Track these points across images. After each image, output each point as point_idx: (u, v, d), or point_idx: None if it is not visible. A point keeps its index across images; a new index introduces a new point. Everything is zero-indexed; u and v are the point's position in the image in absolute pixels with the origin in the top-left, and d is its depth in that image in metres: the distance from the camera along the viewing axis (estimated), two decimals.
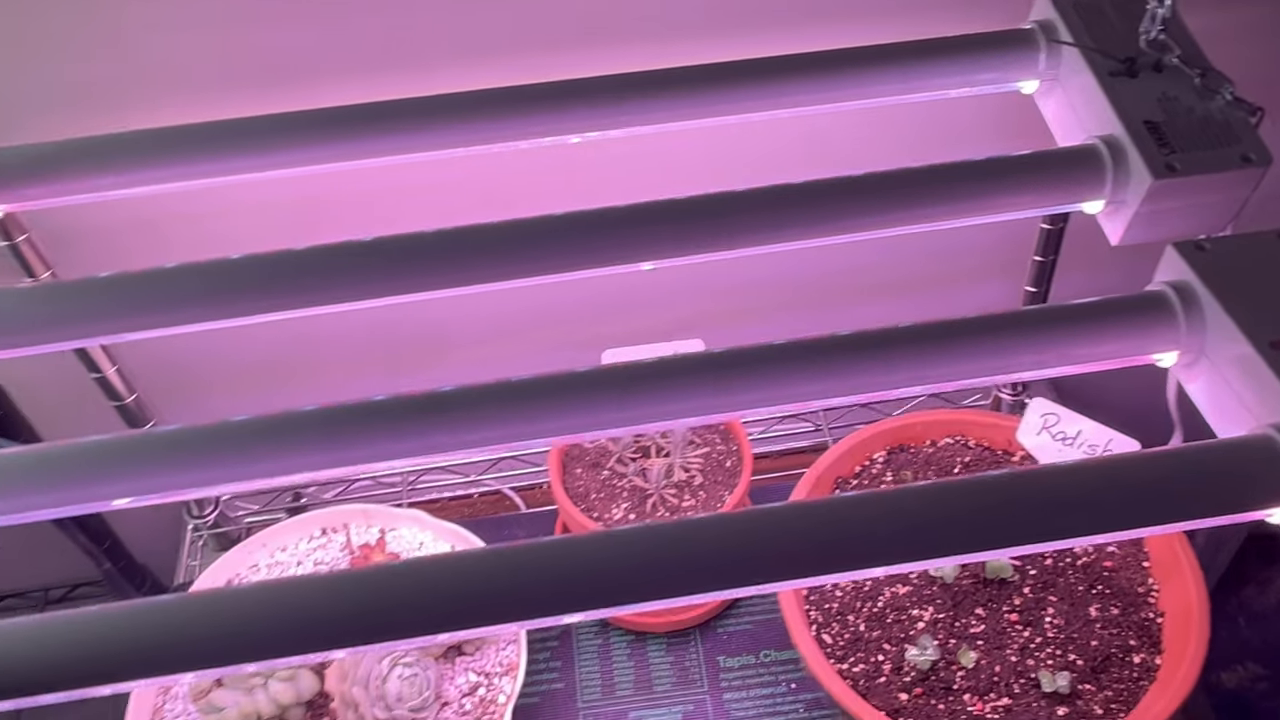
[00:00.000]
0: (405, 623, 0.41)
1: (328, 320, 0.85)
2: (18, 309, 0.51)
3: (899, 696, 0.63)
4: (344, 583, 0.42)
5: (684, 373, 0.49)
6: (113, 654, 0.41)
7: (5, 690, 0.40)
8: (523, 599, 0.42)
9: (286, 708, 0.68)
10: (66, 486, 0.47)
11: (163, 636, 0.41)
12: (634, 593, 0.42)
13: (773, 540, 0.43)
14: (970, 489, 0.42)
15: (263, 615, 0.41)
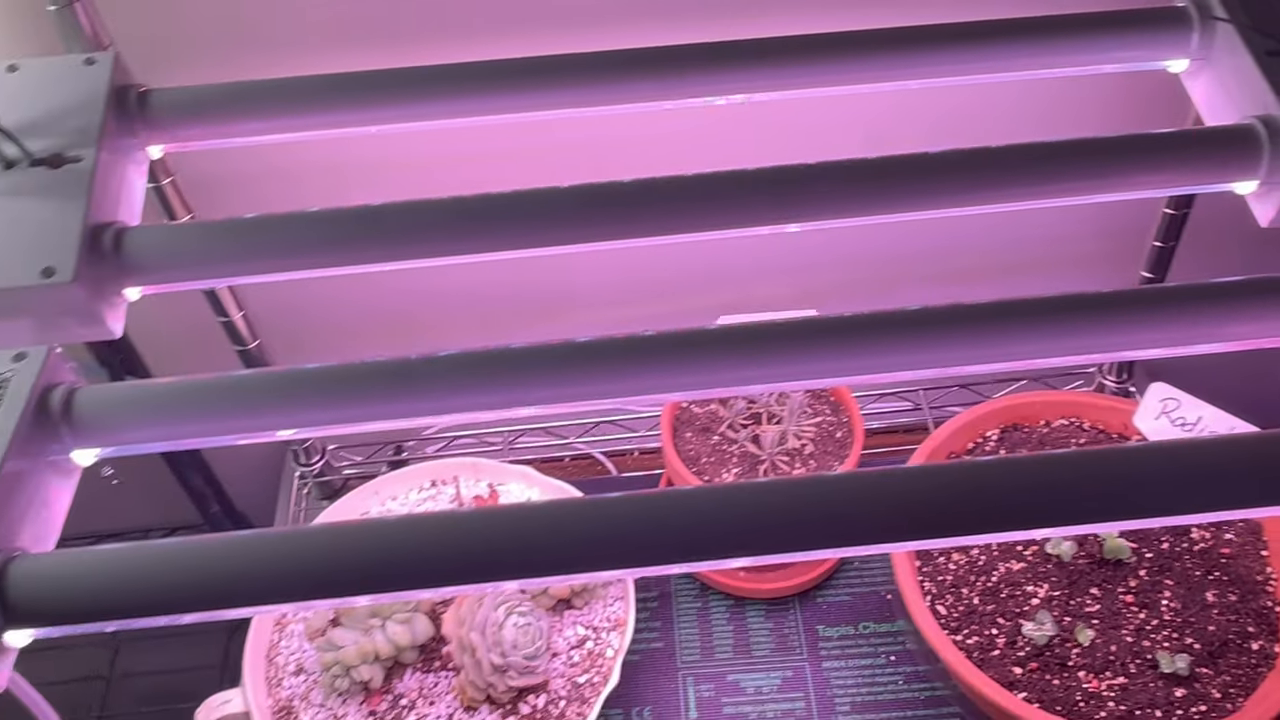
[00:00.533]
0: (534, 562, 0.42)
1: (452, 277, 0.87)
2: (166, 244, 0.53)
3: (1013, 670, 0.63)
4: (474, 520, 0.42)
5: (802, 335, 0.49)
6: (252, 578, 0.42)
7: (148, 607, 0.42)
8: (645, 545, 0.42)
9: (402, 649, 0.69)
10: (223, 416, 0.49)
11: (309, 563, 0.42)
12: (762, 545, 0.42)
13: (902, 499, 0.43)
14: (1096, 458, 0.42)
15: (397, 547, 0.43)
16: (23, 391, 0.46)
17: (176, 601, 0.42)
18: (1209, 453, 0.43)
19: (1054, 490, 0.42)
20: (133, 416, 0.48)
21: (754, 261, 0.88)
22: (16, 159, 0.52)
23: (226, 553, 0.42)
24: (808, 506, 0.43)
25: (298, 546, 0.43)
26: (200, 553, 0.42)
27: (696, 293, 0.90)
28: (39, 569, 0.42)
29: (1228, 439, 0.44)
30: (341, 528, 0.43)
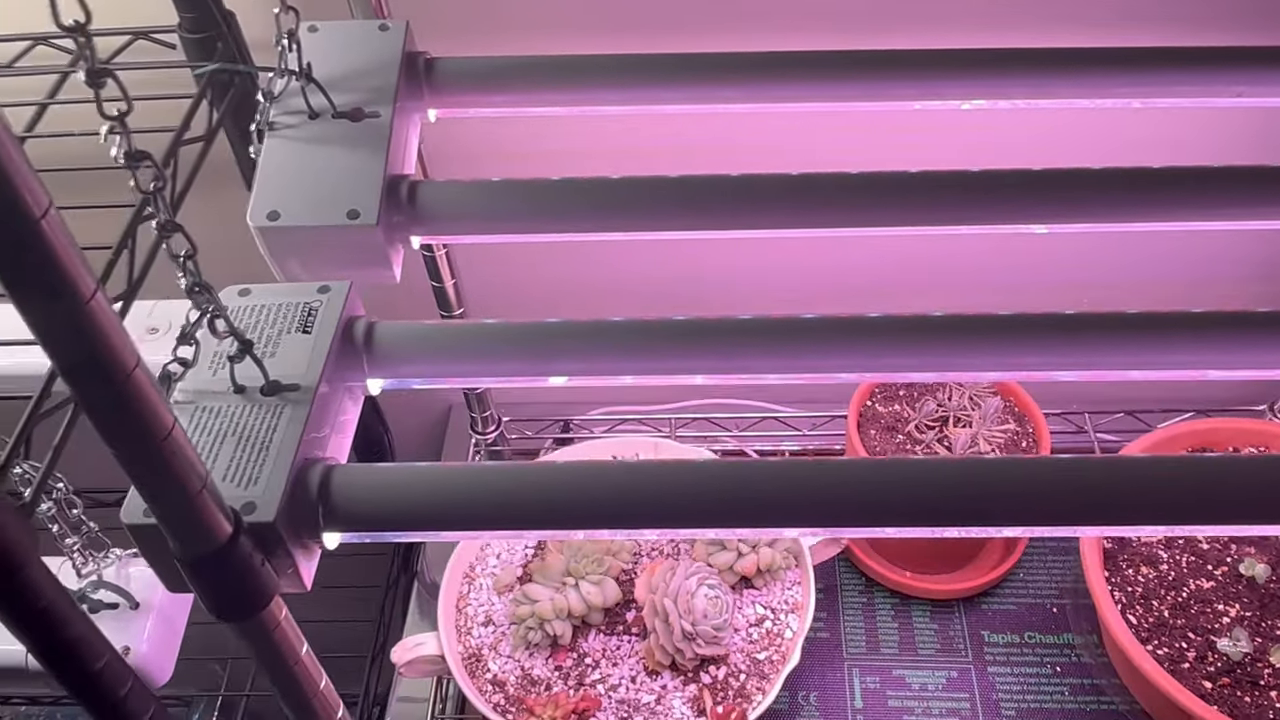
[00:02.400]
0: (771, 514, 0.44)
1: (656, 261, 0.90)
2: (455, 198, 0.57)
3: (1203, 684, 0.64)
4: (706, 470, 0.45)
5: (983, 329, 0.51)
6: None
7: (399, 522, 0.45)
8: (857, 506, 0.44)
9: (592, 609, 0.72)
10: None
11: (597, 494, 0.45)
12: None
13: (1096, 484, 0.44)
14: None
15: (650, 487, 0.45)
16: (330, 322, 0.50)
17: (469, 519, 0.45)
18: None
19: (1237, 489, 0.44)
20: (424, 352, 0.51)
21: (891, 271, 0.90)
22: (322, 110, 0.57)
23: (516, 479, 0.45)
24: (1001, 483, 0.45)
25: (582, 478, 0.46)
26: (491, 477, 0.46)
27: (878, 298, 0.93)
28: (356, 479, 0.45)
29: None
30: (625, 465, 0.46)
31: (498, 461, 0.46)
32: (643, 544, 0.78)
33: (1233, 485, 0.44)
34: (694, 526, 0.46)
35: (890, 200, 0.57)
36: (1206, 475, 0.44)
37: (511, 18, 0.77)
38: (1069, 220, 0.57)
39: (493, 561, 0.78)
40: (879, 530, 0.45)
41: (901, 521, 0.45)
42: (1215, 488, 0.44)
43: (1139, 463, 0.45)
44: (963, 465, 0.45)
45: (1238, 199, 0.57)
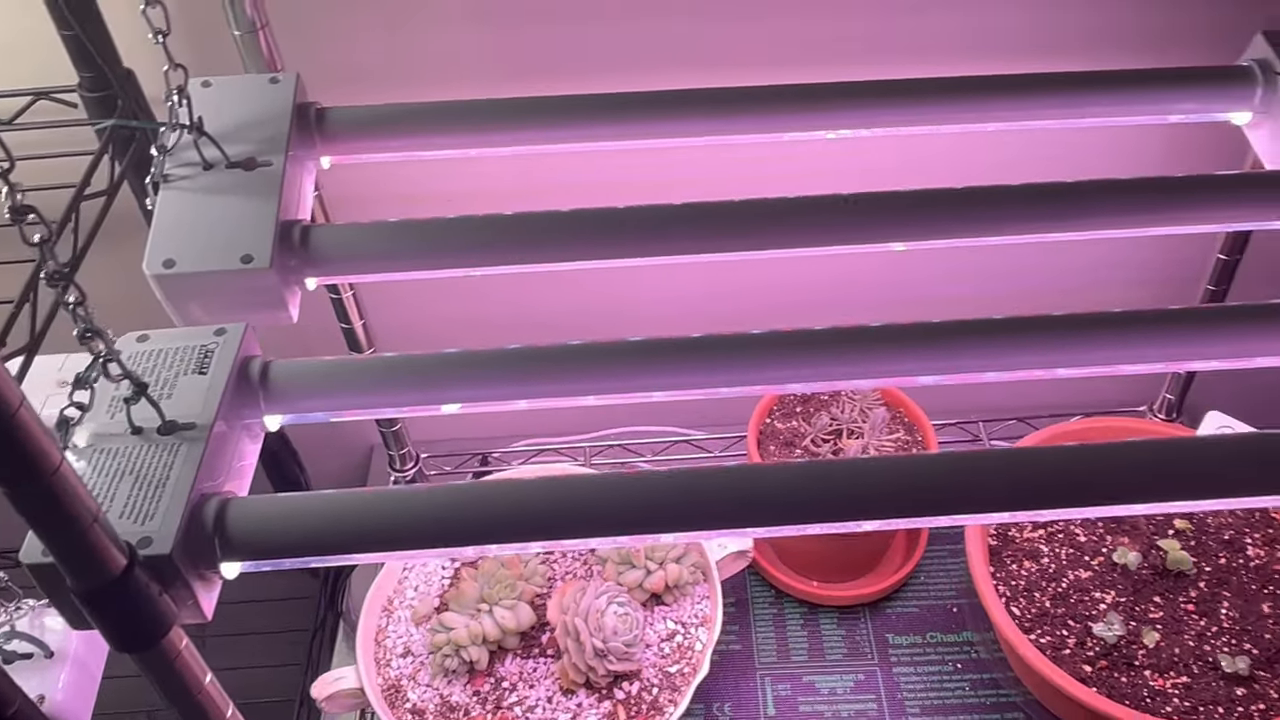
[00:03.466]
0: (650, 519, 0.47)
1: (557, 295, 0.93)
2: (346, 240, 0.59)
3: (1084, 668, 0.68)
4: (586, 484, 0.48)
5: (864, 340, 0.55)
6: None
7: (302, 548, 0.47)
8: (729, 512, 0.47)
9: (507, 633, 0.74)
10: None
11: (479, 513, 0.48)
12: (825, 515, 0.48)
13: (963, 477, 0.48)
14: (1151, 447, 0.48)
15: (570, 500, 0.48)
16: (226, 362, 0.52)
17: (361, 541, 0.48)
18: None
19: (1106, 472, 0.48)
20: (320, 388, 0.53)
21: (806, 294, 0.94)
22: (215, 162, 0.59)
23: (417, 502, 0.48)
24: (884, 481, 0.48)
25: (474, 498, 0.48)
26: (379, 501, 0.48)
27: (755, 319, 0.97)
28: (252, 509, 0.47)
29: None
30: (514, 484, 0.48)
31: (387, 487, 0.48)
32: (556, 568, 0.80)
33: (1090, 471, 0.48)
34: (564, 537, 0.49)
35: (769, 225, 0.61)
36: (1066, 462, 0.48)
37: (405, 68, 0.80)
38: (928, 238, 0.61)
39: (410, 593, 0.80)
40: (756, 530, 0.49)
41: (771, 521, 0.48)
42: (1071, 474, 0.48)
43: (988, 456, 0.48)
44: (831, 466, 0.49)
45: (1096, 210, 0.62)
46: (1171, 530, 0.74)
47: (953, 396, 1.00)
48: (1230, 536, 0.74)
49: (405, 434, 0.95)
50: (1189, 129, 0.82)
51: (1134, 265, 0.97)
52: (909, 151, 0.86)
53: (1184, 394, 0.94)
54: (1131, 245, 0.97)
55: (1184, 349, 0.55)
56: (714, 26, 0.80)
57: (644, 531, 0.48)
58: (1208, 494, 0.47)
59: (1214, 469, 0.47)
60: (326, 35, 0.78)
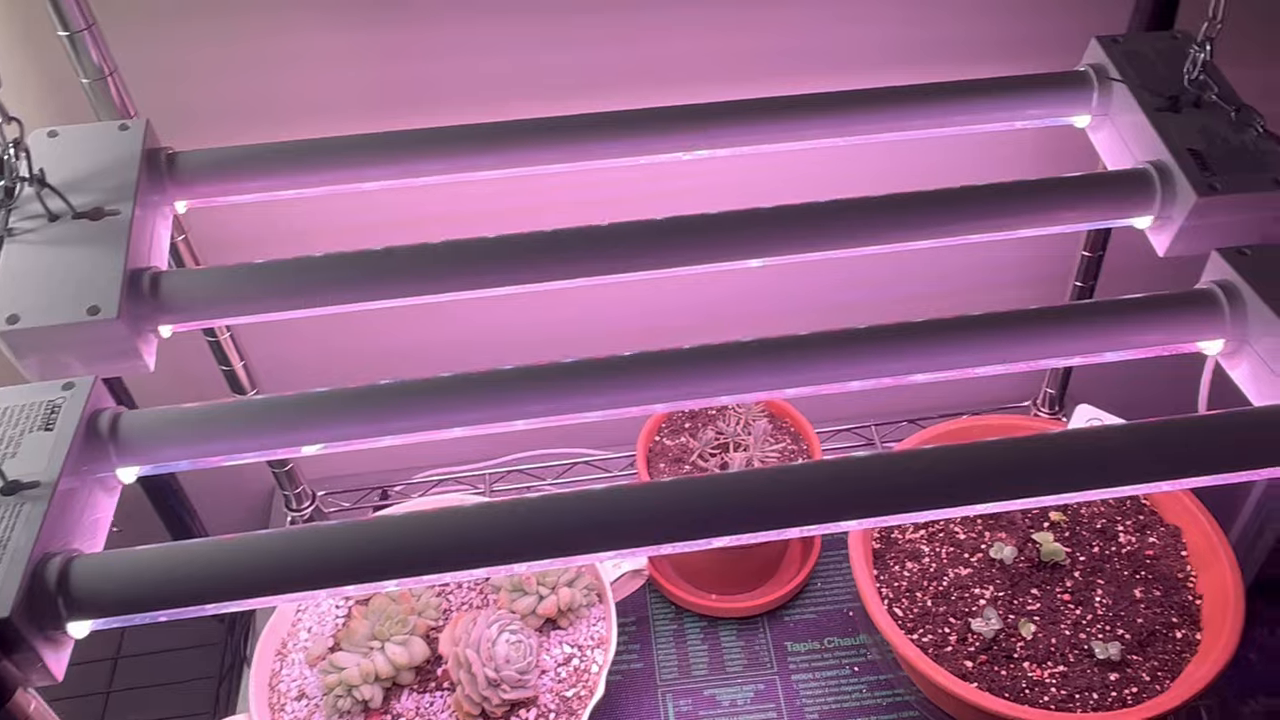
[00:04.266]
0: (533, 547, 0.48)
1: (438, 331, 0.93)
2: (198, 285, 0.59)
3: (965, 664, 0.69)
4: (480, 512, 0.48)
5: (743, 355, 0.56)
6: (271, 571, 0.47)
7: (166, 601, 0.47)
8: (618, 531, 0.48)
9: (400, 669, 0.74)
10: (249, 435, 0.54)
11: (334, 554, 0.48)
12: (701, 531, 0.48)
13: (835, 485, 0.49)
14: (1016, 445, 0.50)
15: (409, 538, 0.48)
16: (73, 417, 0.51)
17: (208, 592, 0.47)
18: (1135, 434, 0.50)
19: (978, 471, 0.49)
20: (172, 437, 0.53)
21: (694, 313, 0.96)
22: (61, 213, 0.58)
23: (261, 548, 0.47)
24: (763, 493, 0.49)
25: (325, 541, 0.48)
26: (226, 549, 0.48)
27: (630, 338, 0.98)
28: (96, 567, 0.47)
29: (1152, 422, 0.51)
30: (361, 524, 0.48)
31: (239, 534, 0.48)
32: (452, 599, 0.80)
33: (951, 471, 0.49)
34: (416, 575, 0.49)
35: (643, 246, 0.62)
36: (927, 464, 0.49)
37: (271, 108, 0.80)
38: (785, 253, 0.62)
39: (304, 635, 0.79)
40: (634, 550, 0.49)
41: (647, 540, 0.49)
42: (936, 474, 0.49)
43: (853, 462, 0.49)
44: (697, 483, 0.49)
45: (944, 218, 0.63)
46: (1046, 523, 0.76)
47: (843, 402, 1.02)
48: (1103, 525, 0.76)
49: (299, 473, 0.94)
50: (1055, 133, 0.84)
51: (1012, 265, 1.00)
52: (773, 168, 0.87)
53: (1064, 388, 0.97)
54: (1006, 246, 1.00)
55: (1042, 349, 0.57)
56: (580, 53, 0.81)
57: (495, 564, 0.48)
58: (1059, 489, 0.49)
59: (1057, 465, 0.49)
60: (187, 79, 0.77)
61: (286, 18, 0.75)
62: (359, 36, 0.77)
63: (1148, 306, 0.57)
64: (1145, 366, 0.95)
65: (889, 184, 0.65)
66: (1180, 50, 0.67)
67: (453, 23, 0.78)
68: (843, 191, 0.64)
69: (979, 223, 0.63)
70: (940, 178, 0.89)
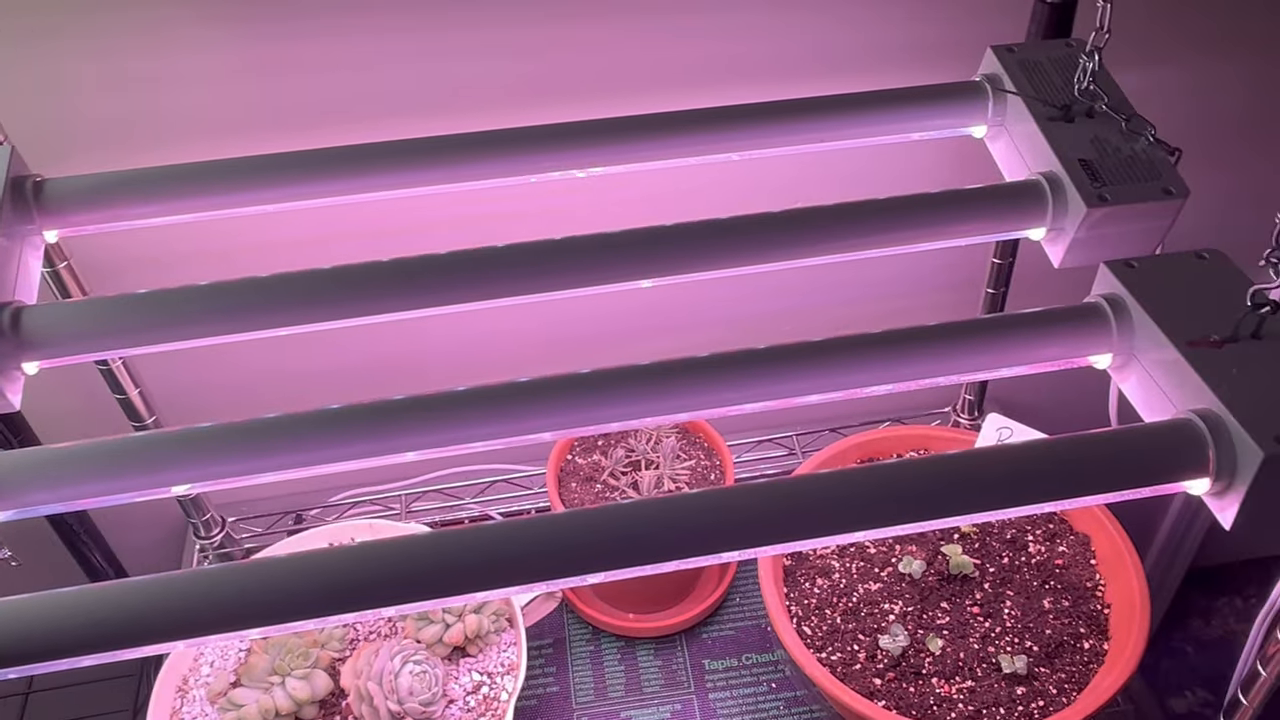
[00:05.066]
0: (422, 587, 0.46)
1: (339, 353, 0.91)
2: (62, 319, 0.57)
3: (874, 681, 0.68)
4: (369, 551, 0.47)
5: (662, 375, 0.55)
6: (163, 616, 0.45)
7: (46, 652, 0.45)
8: (523, 566, 0.47)
9: (302, 704, 0.72)
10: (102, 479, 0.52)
11: (216, 599, 0.46)
12: (613, 560, 0.47)
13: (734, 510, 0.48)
14: (928, 465, 0.49)
15: (299, 580, 0.46)
16: None
17: (80, 644, 0.45)
18: (1030, 453, 0.49)
19: (882, 495, 0.48)
20: (34, 480, 0.51)
21: (601, 326, 0.94)
22: None
23: (125, 595, 0.46)
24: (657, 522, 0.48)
25: (199, 584, 0.46)
26: (98, 597, 0.46)
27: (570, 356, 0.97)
28: None
29: (1048, 441, 0.50)
30: (239, 566, 0.47)
31: (86, 585, 0.46)
32: (359, 629, 0.78)
33: (856, 494, 0.48)
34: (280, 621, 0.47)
35: (516, 271, 0.60)
36: (830, 488, 0.48)
37: (148, 129, 0.77)
38: (676, 272, 0.61)
39: (205, 670, 0.77)
40: (539, 584, 0.48)
41: (556, 573, 0.47)
42: (836, 499, 0.48)
43: (759, 489, 0.48)
44: (607, 511, 0.48)
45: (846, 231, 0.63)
46: (956, 534, 0.75)
47: (762, 411, 1.01)
48: (1012, 535, 0.76)
49: (206, 500, 0.92)
50: (958, 145, 0.84)
51: (929, 272, 1.00)
52: (668, 184, 0.86)
53: (981, 395, 0.97)
54: (921, 253, 1.00)
55: (937, 366, 0.56)
56: (463, 66, 0.79)
57: (396, 602, 0.46)
58: (955, 511, 0.49)
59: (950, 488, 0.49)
60: (61, 101, 0.75)
61: (167, 36, 0.73)
62: (243, 53, 0.75)
63: (1040, 322, 0.56)
64: (1057, 371, 0.95)
65: (795, 195, 0.64)
66: (1074, 58, 0.67)
67: (341, 37, 0.76)
68: (747, 204, 0.63)
69: (875, 238, 0.62)
70: (850, 186, 0.89)
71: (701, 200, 0.87)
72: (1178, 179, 0.62)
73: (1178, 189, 0.61)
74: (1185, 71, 0.89)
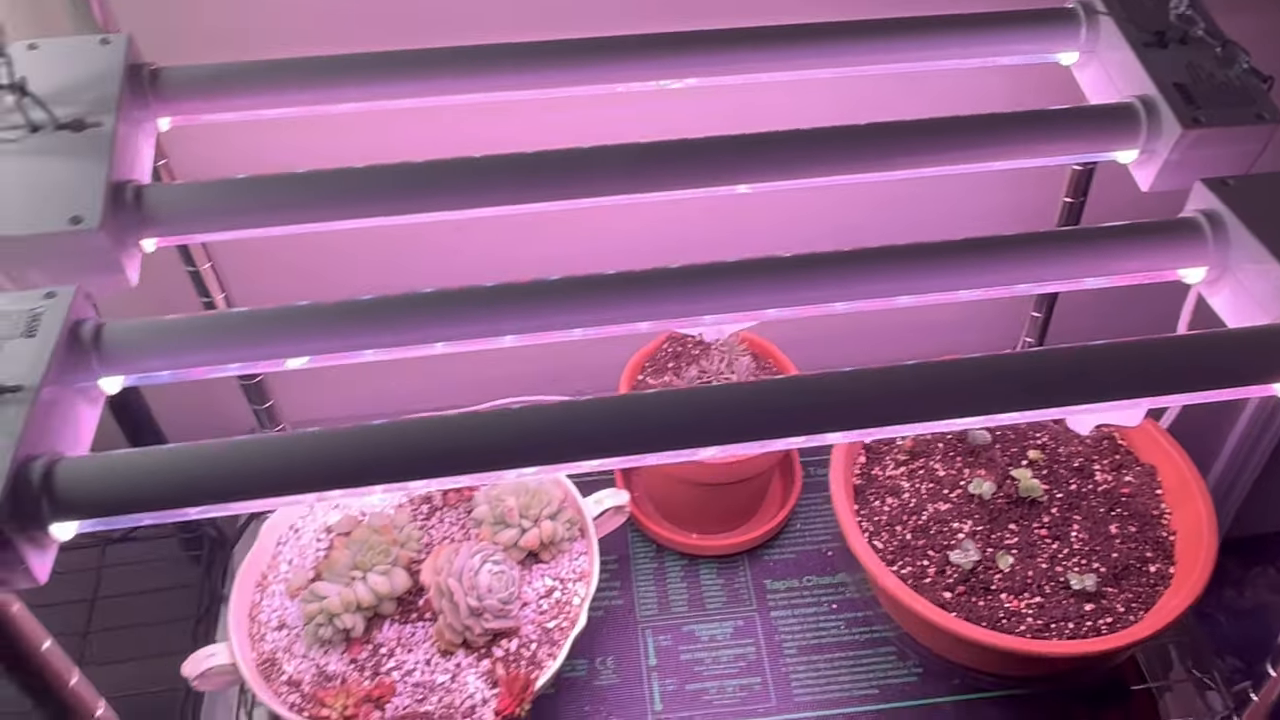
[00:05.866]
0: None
1: (426, 257, 0.92)
2: (182, 198, 0.58)
3: (943, 595, 0.70)
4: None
5: (725, 275, 0.56)
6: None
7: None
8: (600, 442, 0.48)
9: (382, 599, 0.74)
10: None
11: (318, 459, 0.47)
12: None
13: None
14: (1034, 356, 0.50)
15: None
16: (54, 326, 0.51)
17: (195, 494, 0.47)
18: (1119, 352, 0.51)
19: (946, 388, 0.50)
20: (156, 348, 0.52)
21: (683, 238, 0.95)
22: (42, 124, 0.58)
23: (251, 451, 0.47)
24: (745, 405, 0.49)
25: (309, 445, 0.48)
26: (220, 452, 0.47)
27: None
28: (81, 468, 0.46)
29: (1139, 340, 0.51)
30: (350, 430, 0.48)
31: (226, 438, 0.48)
32: (433, 533, 0.80)
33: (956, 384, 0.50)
34: (413, 478, 0.49)
35: (613, 171, 0.61)
36: (938, 378, 0.49)
37: (254, 29, 0.78)
38: (767, 179, 0.62)
39: (284, 567, 0.79)
40: (650, 457, 0.49)
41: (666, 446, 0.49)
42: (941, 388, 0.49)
43: (873, 374, 0.50)
44: (695, 392, 0.49)
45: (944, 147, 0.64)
46: (1025, 460, 0.77)
47: (825, 351, 1.02)
48: (1080, 464, 0.77)
49: (279, 413, 0.94)
50: (1034, 71, 0.84)
51: (995, 212, 1.00)
52: (758, 99, 0.87)
53: (1041, 340, 0.98)
54: (989, 191, 1.00)
55: (1024, 272, 0.57)
56: None
57: (505, 467, 0.48)
58: (1038, 405, 0.50)
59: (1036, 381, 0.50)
60: (177, 6, 0.76)
61: None
62: None
63: (1132, 233, 0.57)
64: (1122, 321, 0.96)
65: (870, 117, 0.65)
66: None
67: None
68: (825, 123, 0.64)
69: (963, 153, 0.63)
70: (921, 112, 0.90)
71: (782, 121, 0.87)
72: (1271, 104, 0.62)
73: (1271, 114, 0.62)
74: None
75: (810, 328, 0.88)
